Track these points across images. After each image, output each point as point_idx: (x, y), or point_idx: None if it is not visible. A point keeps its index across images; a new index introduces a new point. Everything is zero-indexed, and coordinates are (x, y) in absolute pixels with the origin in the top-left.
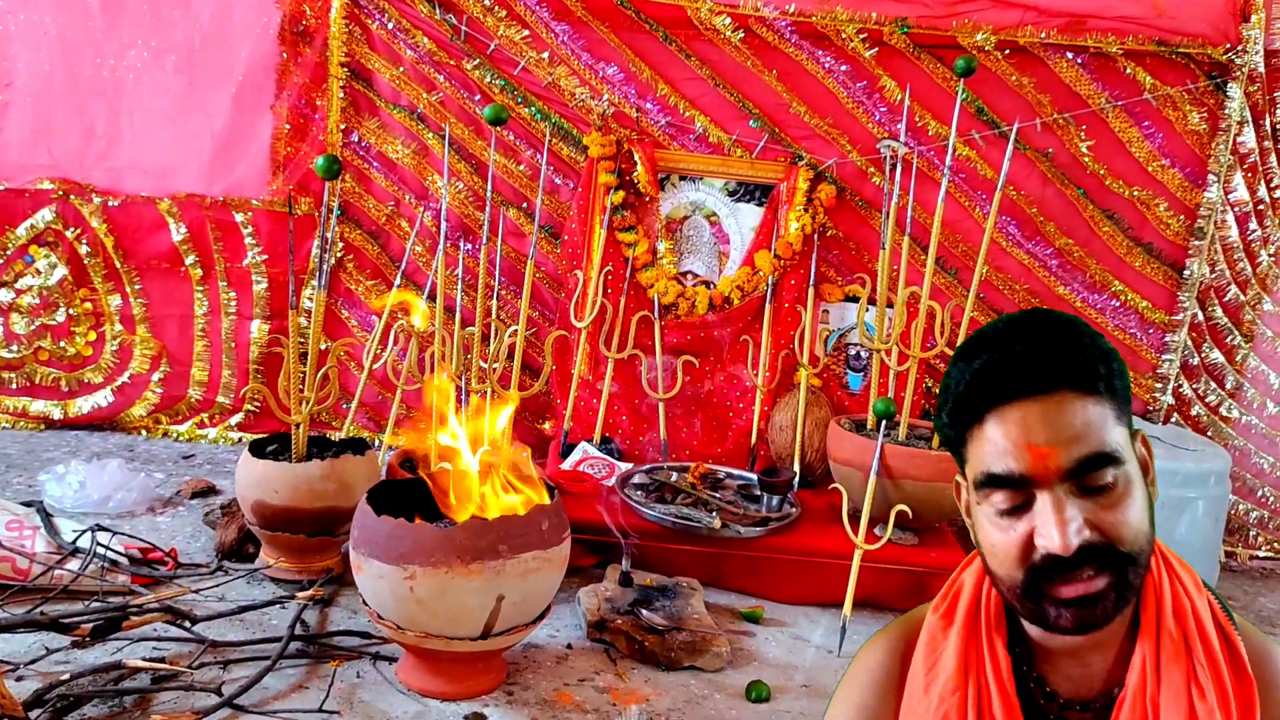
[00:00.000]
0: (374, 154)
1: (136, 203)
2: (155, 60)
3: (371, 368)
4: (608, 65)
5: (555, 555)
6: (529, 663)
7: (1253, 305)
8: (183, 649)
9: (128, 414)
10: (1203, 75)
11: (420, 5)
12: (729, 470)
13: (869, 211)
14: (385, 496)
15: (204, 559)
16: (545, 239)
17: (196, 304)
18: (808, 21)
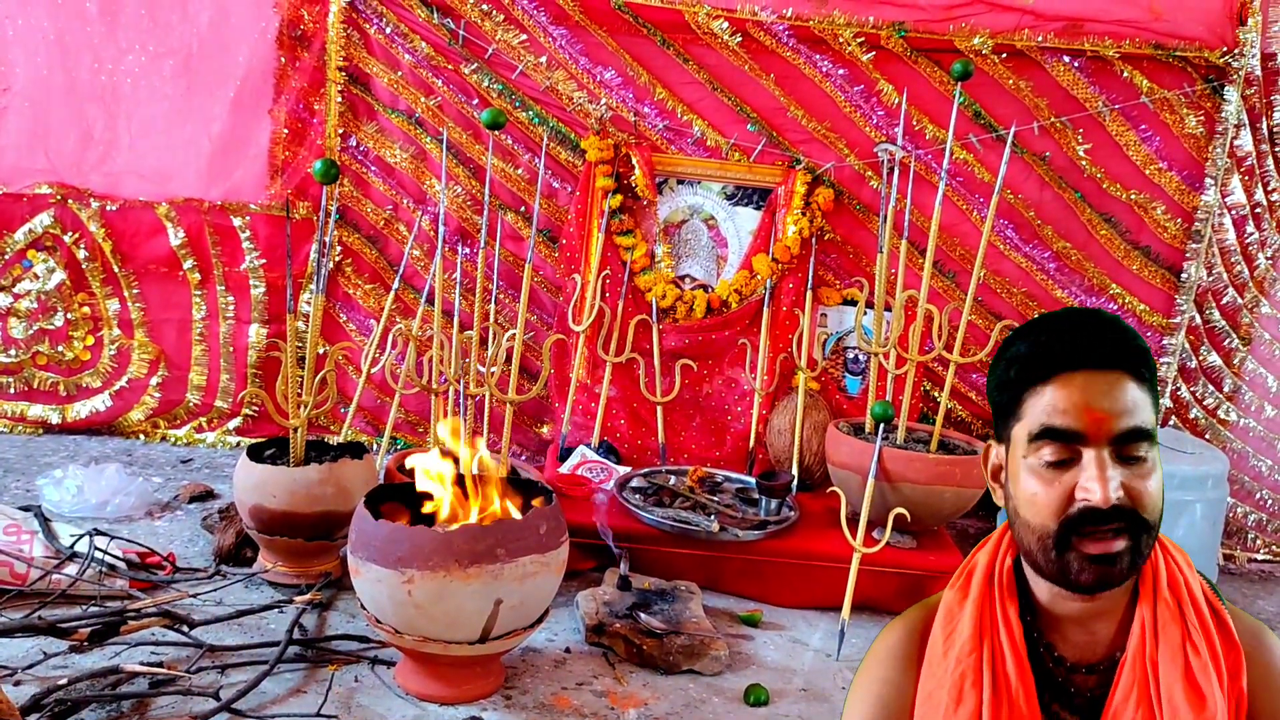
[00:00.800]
0: (372, 158)
1: (134, 207)
2: (153, 65)
3: (370, 372)
4: (605, 69)
5: (553, 559)
6: (527, 666)
7: (1250, 308)
8: (181, 653)
9: (126, 418)
10: (1200, 78)
11: (418, 10)
12: (727, 474)
13: (867, 215)
14: (383, 500)
15: (202, 563)
16: (543, 243)
17: (194, 308)
18: (805, 26)
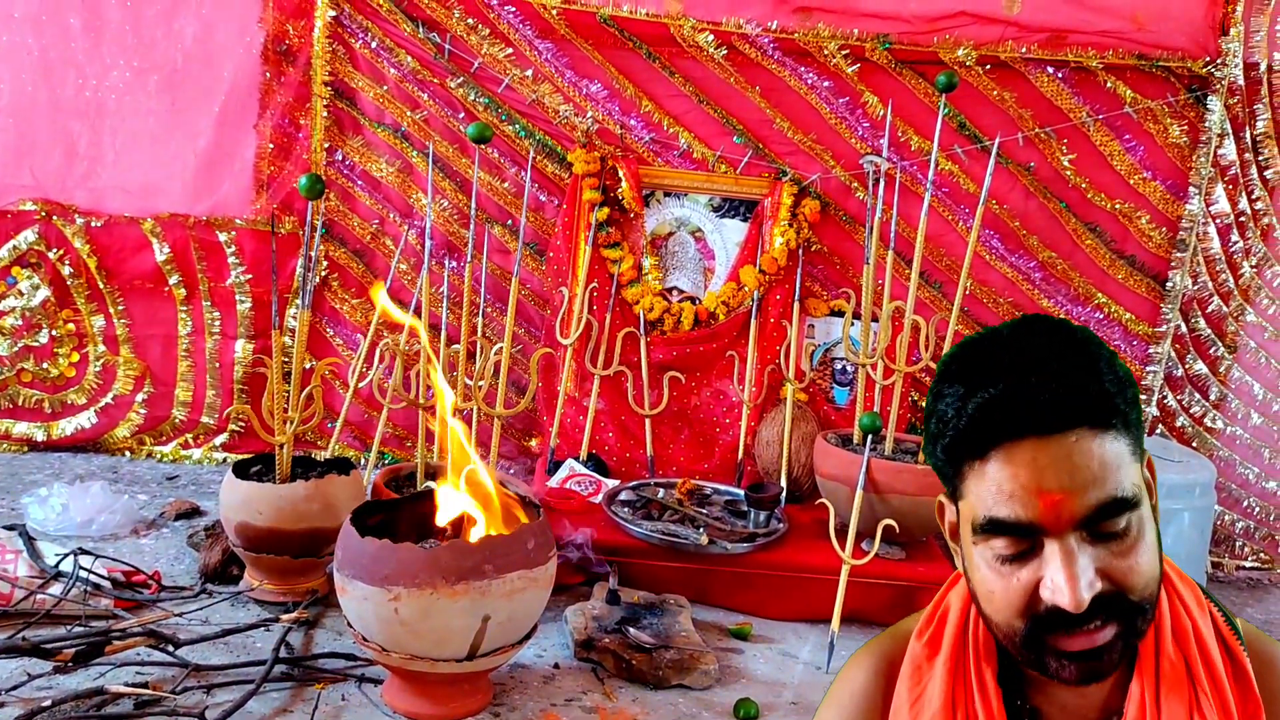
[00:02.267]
0: (358, 172)
1: (119, 223)
2: (138, 80)
3: (357, 386)
4: (591, 82)
5: (541, 574)
6: (516, 683)
7: (1235, 316)
8: (166, 673)
9: (111, 435)
10: (1183, 88)
11: (404, 24)
12: (716, 486)
13: (853, 226)
14: (370, 517)
15: (188, 582)
16: (531, 256)
17: (180, 324)
18: (790, 38)
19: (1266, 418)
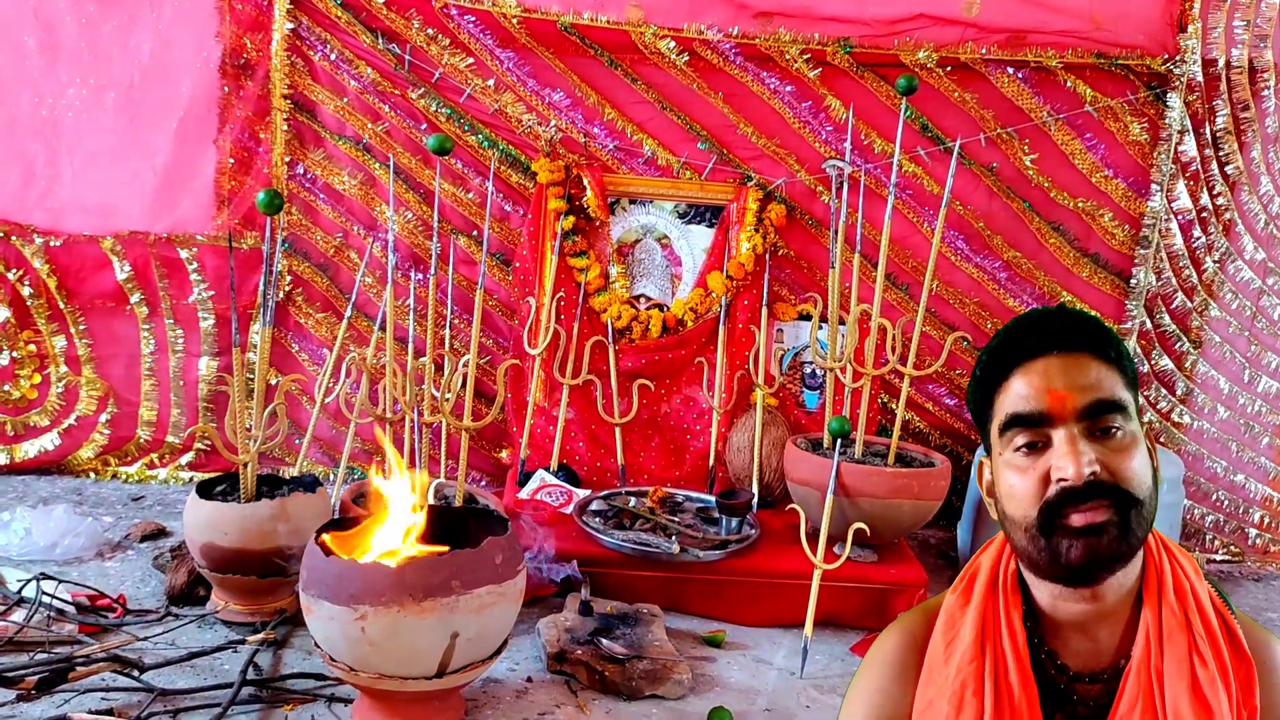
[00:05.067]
0: (320, 186)
1: (79, 242)
2: (94, 98)
3: (324, 402)
4: (554, 91)
5: (510, 589)
6: (488, 698)
7: (1200, 312)
8: (132, 699)
9: (75, 457)
10: (1142, 86)
11: (363, 35)
12: (687, 493)
13: (819, 230)
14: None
15: (154, 604)
16: (497, 266)
17: (143, 342)
18: (751, 43)
19: (1233, 411)
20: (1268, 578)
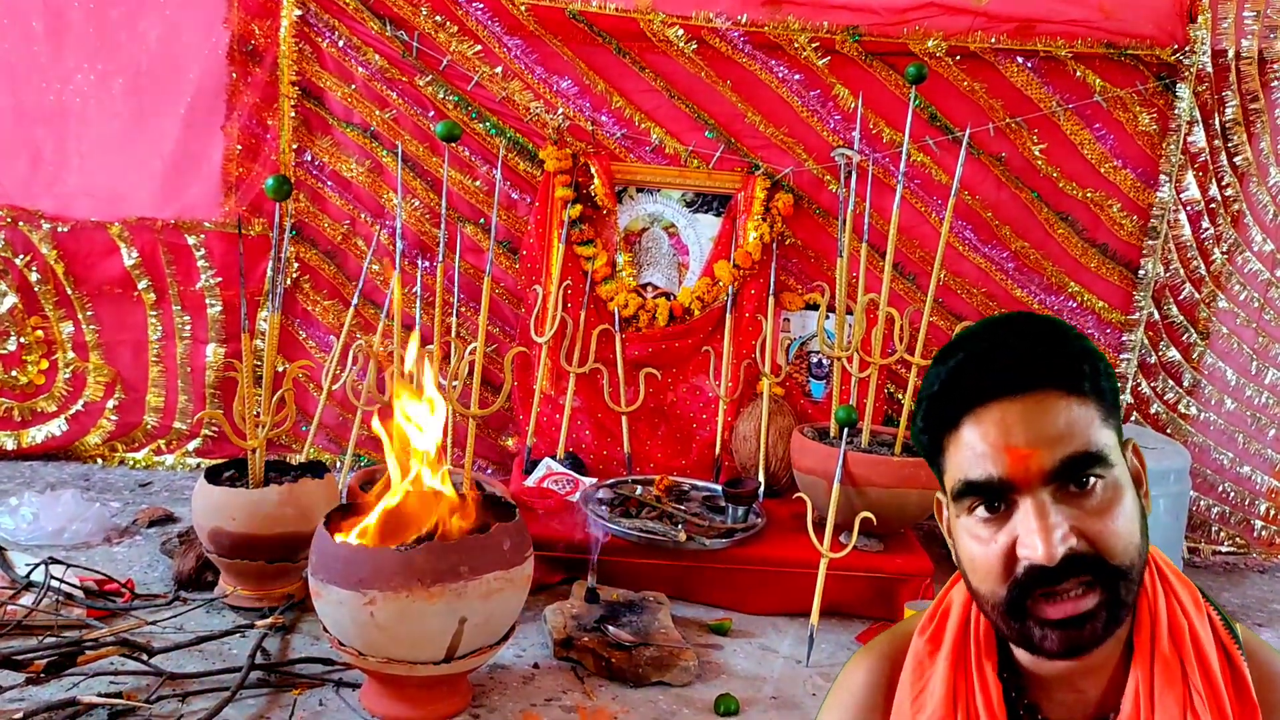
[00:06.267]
0: (328, 173)
1: (87, 228)
2: (102, 84)
3: (330, 389)
4: (562, 79)
5: (518, 575)
6: (495, 684)
7: (1208, 303)
8: (140, 682)
9: (83, 442)
10: (1152, 76)
11: (371, 22)
12: (694, 482)
13: (827, 219)
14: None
15: (162, 589)
16: (504, 254)
17: (150, 329)
18: (760, 31)
19: (1240, 403)
20: (1273, 570)
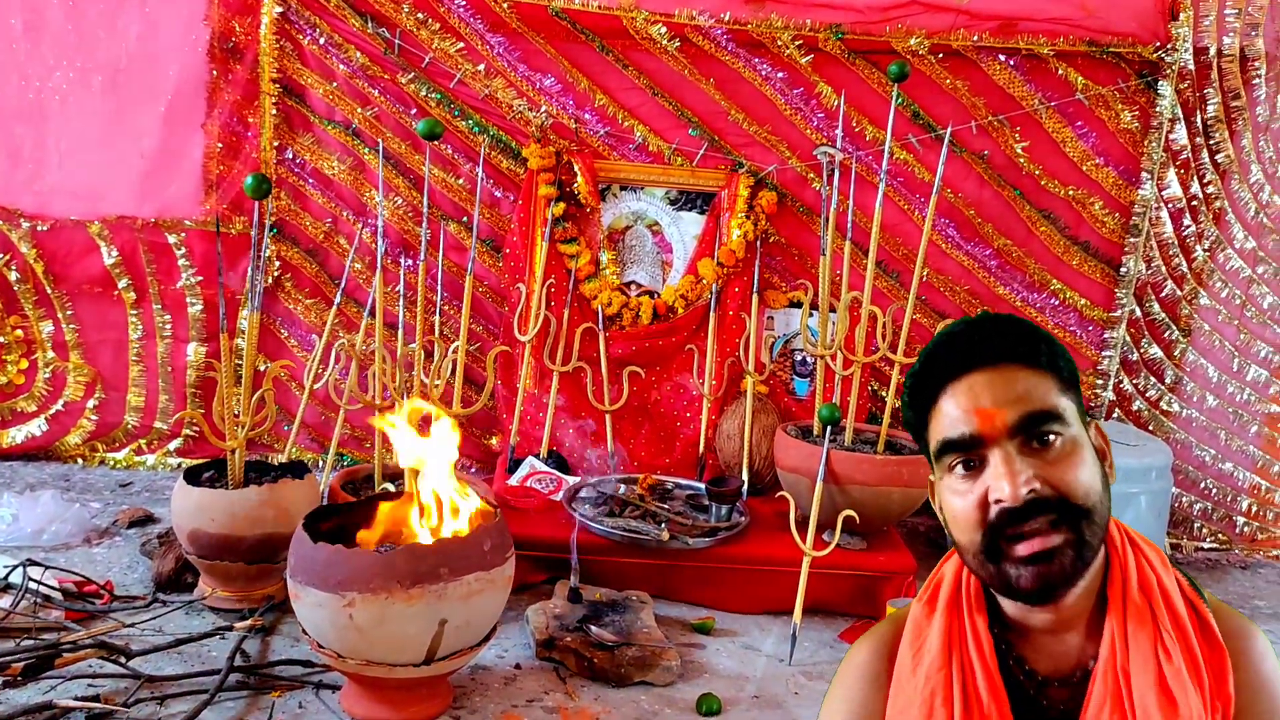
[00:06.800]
0: (309, 171)
1: (66, 226)
2: (81, 81)
3: (312, 388)
4: (545, 76)
5: (499, 576)
6: (477, 685)
7: (1189, 300)
8: (118, 685)
9: (63, 443)
10: (1134, 74)
11: (352, 19)
12: (677, 480)
13: (810, 217)
14: (324, 522)
15: (141, 590)
16: (487, 253)
17: (131, 328)
18: (743, 29)
19: (1221, 400)
20: (1255, 565)
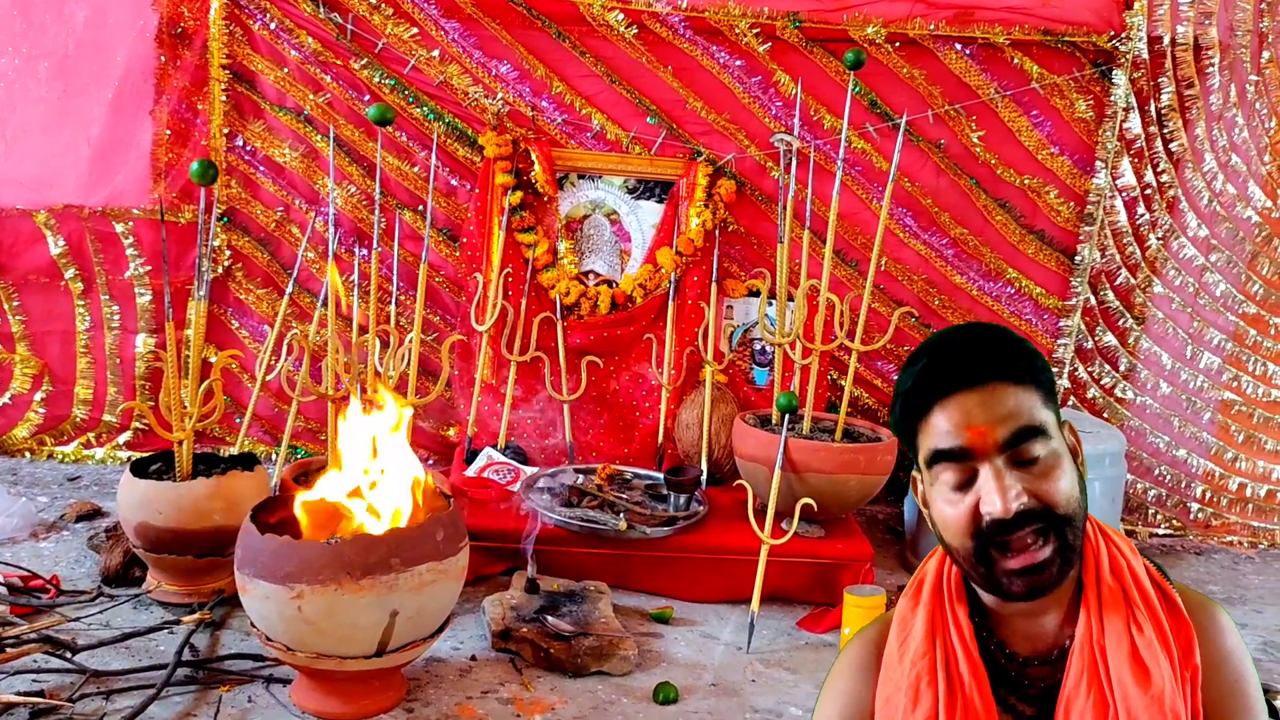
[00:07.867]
0: (260, 158)
1: (11, 216)
2: (27, 68)
3: (264, 379)
4: (501, 63)
5: (452, 566)
6: (431, 677)
7: (1143, 288)
8: (64, 680)
9: (10, 436)
10: (1088, 63)
11: (304, 4)
12: (636, 470)
13: (769, 206)
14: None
15: (89, 585)
16: (443, 242)
17: (78, 319)
18: (701, 17)
19: (1175, 387)
20: (1209, 551)
